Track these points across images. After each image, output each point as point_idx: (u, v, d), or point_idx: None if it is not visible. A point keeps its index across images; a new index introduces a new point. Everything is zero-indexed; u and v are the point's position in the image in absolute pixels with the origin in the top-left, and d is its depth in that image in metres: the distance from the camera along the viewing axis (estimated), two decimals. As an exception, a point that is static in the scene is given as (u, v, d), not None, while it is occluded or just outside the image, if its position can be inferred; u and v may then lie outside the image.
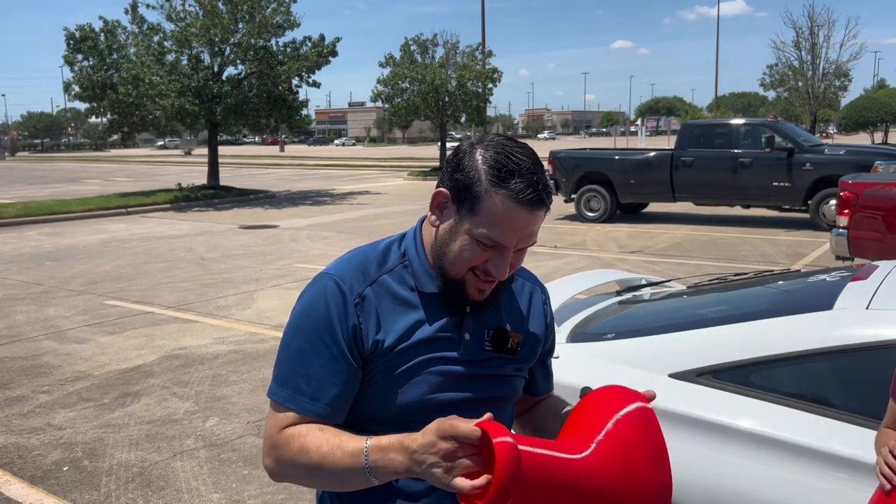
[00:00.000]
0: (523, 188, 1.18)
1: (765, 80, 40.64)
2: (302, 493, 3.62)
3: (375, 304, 1.27)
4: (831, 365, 2.17)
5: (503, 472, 1.01)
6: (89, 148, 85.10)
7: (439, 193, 1.26)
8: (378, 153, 55.70)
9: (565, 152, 15.15)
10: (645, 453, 1.16)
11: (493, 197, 1.18)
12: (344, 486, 1.25)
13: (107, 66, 18.95)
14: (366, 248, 1.36)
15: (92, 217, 16.25)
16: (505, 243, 1.21)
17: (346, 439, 1.20)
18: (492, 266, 1.23)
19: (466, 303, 1.29)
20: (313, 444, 1.21)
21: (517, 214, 1.19)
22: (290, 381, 1.26)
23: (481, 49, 28.17)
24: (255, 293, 8.16)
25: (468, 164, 1.22)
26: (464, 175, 1.22)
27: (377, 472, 1.16)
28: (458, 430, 1.05)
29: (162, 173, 33.19)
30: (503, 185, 1.18)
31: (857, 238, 7.26)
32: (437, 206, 1.27)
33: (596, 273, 4.05)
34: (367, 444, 1.17)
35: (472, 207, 1.20)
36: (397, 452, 1.13)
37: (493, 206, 1.19)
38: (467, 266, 1.24)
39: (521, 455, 1.03)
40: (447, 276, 1.27)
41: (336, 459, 1.19)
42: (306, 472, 1.24)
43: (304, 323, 1.27)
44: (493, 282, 1.26)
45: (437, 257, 1.28)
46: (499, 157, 1.20)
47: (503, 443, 1.02)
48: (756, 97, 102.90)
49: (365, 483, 1.19)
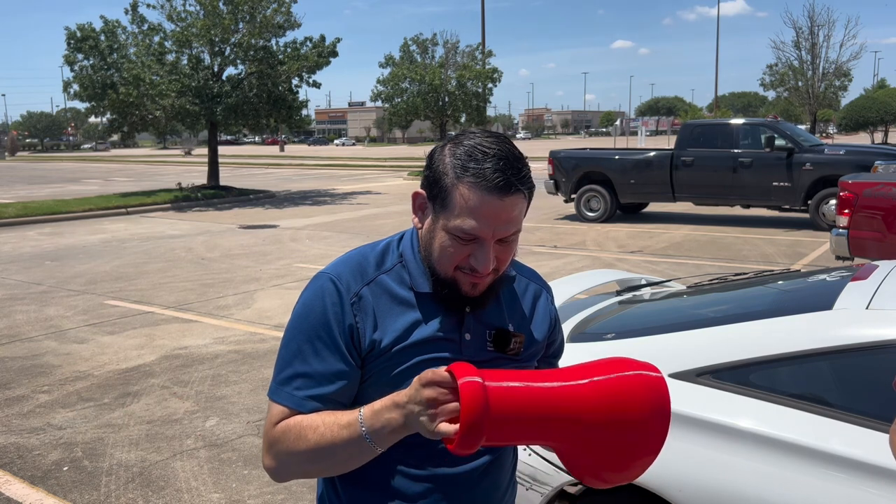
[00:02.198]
0: (490, 174, 1.16)
1: (765, 80, 40.69)
2: (302, 493, 3.62)
3: (373, 304, 1.27)
4: (831, 365, 2.17)
5: (468, 410, 1.03)
6: (89, 148, 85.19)
7: (417, 195, 1.27)
8: (378, 153, 55.68)
9: (565, 152, 15.15)
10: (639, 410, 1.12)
11: (460, 187, 1.17)
12: (347, 464, 1.24)
13: (107, 66, 18.94)
14: (364, 248, 1.36)
15: (92, 217, 16.25)
16: (480, 234, 1.19)
17: (340, 415, 1.21)
18: (473, 260, 1.21)
19: (464, 301, 1.29)
20: (309, 427, 1.21)
21: (486, 202, 1.16)
22: (289, 380, 1.26)
23: (481, 49, 28.19)
24: (255, 293, 8.16)
25: (437, 161, 1.22)
26: (433, 171, 1.22)
27: (376, 437, 1.16)
28: (435, 374, 1.08)
29: (162, 173, 33.18)
30: (468, 174, 1.17)
31: (857, 238, 7.26)
32: (417, 208, 1.28)
33: (596, 273, 4.05)
34: (360, 411, 1.18)
35: (443, 202, 1.20)
36: (391, 410, 1.14)
37: (461, 197, 1.17)
38: (452, 264, 1.23)
39: (490, 391, 1.05)
40: (438, 276, 1.26)
41: (333, 435, 1.19)
42: (307, 460, 1.23)
43: (302, 323, 1.28)
44: (483, 276, 1.24)
45: (426, 258, 1.28)
46: (466, 149, 1.19)
47: (467, 382, 1.04)
48: (756, 97, 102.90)
49: (368, 453, 1.18)
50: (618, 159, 14.48)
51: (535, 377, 1.12)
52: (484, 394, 1.04)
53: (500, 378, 1.09)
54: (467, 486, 1.33)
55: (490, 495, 1.38)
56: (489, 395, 1.05)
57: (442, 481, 1.31)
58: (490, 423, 1.04)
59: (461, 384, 1.04)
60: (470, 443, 1.05)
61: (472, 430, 1.04)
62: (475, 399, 1.03)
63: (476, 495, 1.35)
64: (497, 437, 1.08)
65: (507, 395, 1.07)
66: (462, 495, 1.33)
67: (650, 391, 1.13)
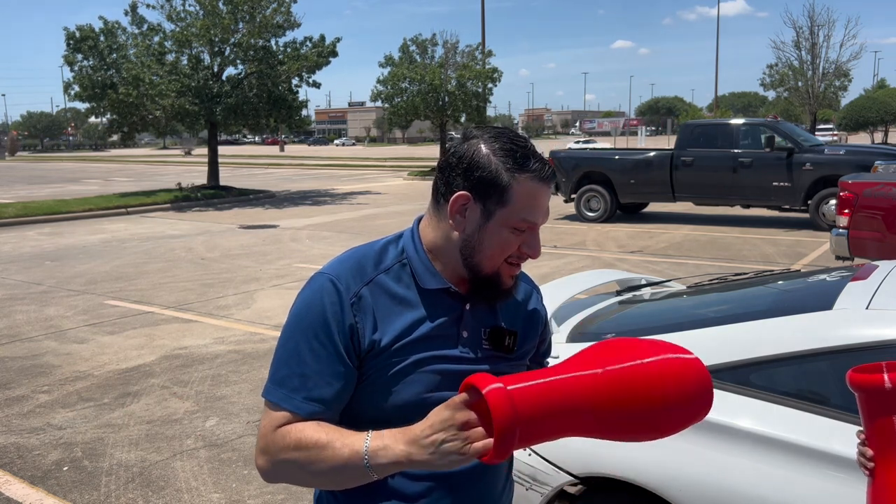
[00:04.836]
0: (540, 167, 1.26)
1: (765, 80, 40.65)
2: (302, 493, 3.62)
3: (372, 304, 1.27)
4: (831, 365, 2.17)
5: (498, 417, 1.03)
6: (89, 148, 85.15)
7: (460, 196, 1.26)
8: (378, 153, 55.68)
9: (565, 152, 15.15)
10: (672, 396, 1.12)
11: (522, 182, 1.24)
12: (339, 482, 1.24)
13: (107, 66, 18.94)
14: (362, 247, 1.36)
15: (92, 217, 16.25)
16: (539, 222, 1.28)
17: (345, 433, 1.20)
18: (526, 248, 1.29)
19: (465, 298, 1.32)
20: (311, 437, 1.20)
21: (542, 192, 1.27)
22: (285, 380, 1.25)
23: (481, 49, 28.15)
24: (255, 293, 8.16)
25: (483, 161, 1.24)
26: (483, 171, 1.24)
27: (375, 462, 1.15)
28: (460, 396, 1.09)
29: (162, 173, 33.18)
30: (525, 169, 1.24)
31: (857, 238, 7.26)
32: (457, 212, 1.27)
33: (596, 273, 4.05)
34: (368, 433, 1.18)
35: (501, 199, 1.24)
36: (397, 441, 1.14)
37: (523, 191, 1.24)
38: (505, 256, 1.28)
39: (514, 394, 1.05)
40: (480, 273, 1.29)
41: (334, 451, 1.18)
42: (301, 468, 1.22)
43: (300, 322, 1.27)
44: (521, 264, 1.32)
45: (466, 259, 1.29)
46: (506, 145, 1.25)
47: (492, 390, 1.05)
48: (756, 97, 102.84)
49: (362, 477, 1.18)
50: (618, 159, 14.48)
51: (549, 373, 1.14)
52: (510, 397, 1.05)
53: (518, 380, 1.10)
54: (466, 486, 1.34)
55: (488, 494, 1.39)
56: (514, 397, 1.05)
57: (440, 481, 1.31)
58: (521, 425, 1.05)
59: (486, 392, 1.05)
60: (505, 450, 1.05)
61: (506, 436, 1.04)
62: (503, 403, 1.04)
63: (473, 494, 1.36)
64: (530, 437, 1.08)
65: (531, 393, 1.08)
66: (460, 494, 1.34)
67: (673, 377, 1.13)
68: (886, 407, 1.42)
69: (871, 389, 1.42)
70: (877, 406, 1.43)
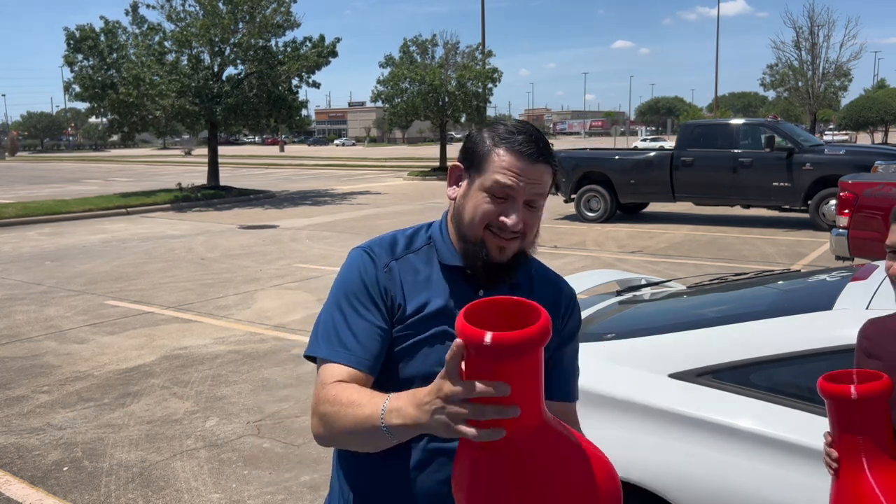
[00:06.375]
0: (522, 142, 1.33)
1: (765, 80, 40.72)
2: (301, 493, 3.62)
3: (400, 276, 1.40)
4: (831, 365, 2.16)
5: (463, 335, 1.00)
6: (89, 148, 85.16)
7: (454, 167, 1.42)
8: (378, 153, 55.69)
9: (565, 152, 15.15)
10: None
11: (497, 150, 1.34)
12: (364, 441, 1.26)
13: (107, 66, 18.94)
14: (396, 231, 1.50)
15: (92, 217, 16.24)
16: (513, 185, 1.31)
17: (374, 394, 1.24)
18: (504, 216, 1.32)
19: (479, 284, 1.39)
20: (344, 395, 1.27)
21: (518, 162, 1.32)
22: (333, 337, 1.36)
23: (481, 49, 28.14)
24: (255, 293, 8.16)
25: (475, 138, 1.39)
26: (472, 144, 1.38)
27: (390, 422, 1.17)
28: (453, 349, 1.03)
29: (162, 173, 33.18)
30: (505, 141, 1.34)
31: (857, 238, 7.26)
32: (453, 181, 1.42)
33: (596, 273, 4.06)
34: (389, 395, 1.21)
35: (479, 165, 1.35)
36: (409, 403, 1.15)
37: (497, 157, 1.33)
38: (484, 221, 1.34)
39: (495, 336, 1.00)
40: (468, 242, 1.37)
41: (360, 408, 1.22)
42: (331, 423, 1.27)
43: (341, 288, 1.41)
44: (511, 239, 1.34)
45: (458, 226, 1.39)
46: (502, 128, 1.37)
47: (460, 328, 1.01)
48: (756, 97, 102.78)
49: (381, 438, 1.20)
50: (618, 159, 14.49)
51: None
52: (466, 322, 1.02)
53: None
54: None
55: None
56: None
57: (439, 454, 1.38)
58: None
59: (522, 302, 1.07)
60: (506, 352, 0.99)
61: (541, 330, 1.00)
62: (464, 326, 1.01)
63: None
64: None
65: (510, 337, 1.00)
66: None
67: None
68: (853, 415, 1.50)
69: (839, 398, 1.50)
70: (844, 414, 1.52)
